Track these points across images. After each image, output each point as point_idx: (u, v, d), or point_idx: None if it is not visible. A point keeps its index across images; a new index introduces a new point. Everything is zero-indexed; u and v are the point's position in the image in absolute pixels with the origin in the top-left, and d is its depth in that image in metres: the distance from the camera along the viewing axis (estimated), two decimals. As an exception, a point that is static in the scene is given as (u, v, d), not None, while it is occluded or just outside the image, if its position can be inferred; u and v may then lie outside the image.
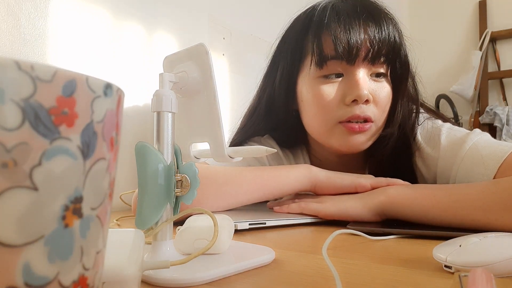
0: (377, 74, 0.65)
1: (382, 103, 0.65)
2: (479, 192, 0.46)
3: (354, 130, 0.63)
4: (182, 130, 0.40)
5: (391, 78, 0.67)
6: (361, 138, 0.65)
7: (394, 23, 0.65)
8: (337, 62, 0.63)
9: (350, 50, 0.61)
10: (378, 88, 0.65)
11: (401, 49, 0.65)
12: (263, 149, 0.35)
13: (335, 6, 0.65)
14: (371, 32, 0.62)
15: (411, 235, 0.47)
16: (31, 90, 0.15)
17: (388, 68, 0.66)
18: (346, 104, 0.63)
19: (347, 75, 0.64)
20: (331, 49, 0.62)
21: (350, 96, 0.62)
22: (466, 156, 0.61)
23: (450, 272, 0.31)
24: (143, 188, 0.31)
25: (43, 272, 0.16)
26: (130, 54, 0.88)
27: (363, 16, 0.62)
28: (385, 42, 0.63)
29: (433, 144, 0.68)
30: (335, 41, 0.62)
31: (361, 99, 0.62)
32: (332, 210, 0.57)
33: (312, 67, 0.65)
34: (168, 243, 0.32)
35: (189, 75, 0.35)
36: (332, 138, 0.66)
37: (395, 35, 0.64)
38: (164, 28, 0.96)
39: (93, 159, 0.18)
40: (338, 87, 0.64)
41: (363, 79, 0.63)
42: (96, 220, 0.19)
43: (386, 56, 0.64)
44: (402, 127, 0.68)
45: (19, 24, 0.68)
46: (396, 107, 0.67)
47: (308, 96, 0.67)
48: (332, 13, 0.64)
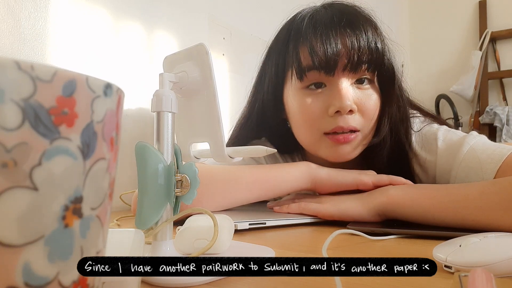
0: (362, 81, 0.63)
1: (369, 111, 0.63)
2: (479, 192, 0.46)
3: (339, 142, 0.62)
4: (182, 130, 0.40)
5: (378, 84, 0.65)
6: (347, 148, 0.64)
7: (375, 29, 0.63)
8: (316, 73, 0.61)
9: (327, 61, 0.60)
10: (364, 97, 0.63)
11: (384, 55, 0.63)
12: (263, 149, 0.36)
13: (313, 16, 0.64)
14: (349, 41, 0.60)
15: (411, 235, 0.47)
16: (31, 90, 0.15)
17: (374, 74, 0.64)
18: (329, 115, 0.62)
19: (329, 86, 0.62)
20: (309, 60, 0.61)
21: (333, 107, 0.61)
22: (463, 160, 0.61)
23: (450, 272, 0.31)
24: (143, 188, 0.31)
25: (43, 272, 0.16)
26: (130, 54, 0.88)
27: (341, 25, 0.61)
28: (365, 50, 0.60)
29: (429, 149, 0.67)
30: (312, 52, 0.60)
31: (344, 110, 0.60)
32: (332, 210, 0.57)
33: (293, 79, 0.64)
34: (168, 243, 0.32)
35: (189, 75, 0.35)
36: (320, 149, 0.65)
37: (375, 41, 0.62)
38: (164, 28, 0.96)
39: (93, 159, 0.18)
40: (321, 98, 0.62)
41: (346, 89, 0.61)
42: (96, 220, 0.19)
43: (368, 63, 0.61)
44: (395, 135, 0.67)
45: (19, 24, 0.68)
46: (384, 114, 0.66)
47: (293, 108, 0.66)
48: (309, 24, 0.63)
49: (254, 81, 0.76)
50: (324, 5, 0.68)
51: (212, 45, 1.11)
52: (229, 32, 1.17)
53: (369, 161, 0.68)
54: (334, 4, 0.67)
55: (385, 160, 0.67)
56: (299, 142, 0.71)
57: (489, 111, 2.29)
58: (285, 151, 0.77)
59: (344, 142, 0.62)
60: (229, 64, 1.17)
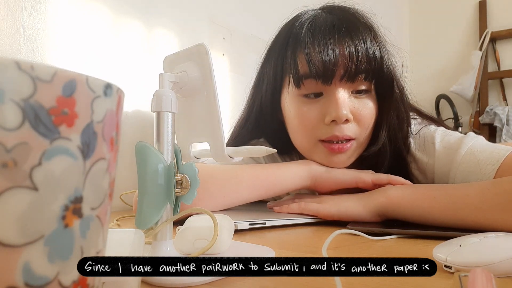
0: (358, 91, 0.63)
1: (365, 120, 0.63)
2: (479, 193, 0.46)
3: (334, 151, 0.62)
4: (182, 130, 0.40)
5: (376, 92, 0.65)
6: (342, 157, 0.64)
7: (374, 36, 0.63)
8: (313, 81, 0.61)
9: (325, 71, 0.59)
10: (360, 106, 0.62)
11: (382, 63, 0.62)
12: (263, 149, 0.36)
13: (312, 22, 0.63)
14: (347, 50, 0.59)
15: (411, 235, 0.47)
16: (31, 90, 0.15)
17: (371, 83, 0.63)
18: (325, 124, 0.62)
19: (326, 94, 0.62)
20: (307, 69, 0.60)
21: (329, 116, 0.60)
22: (462, 161, 0.60)
23: (450, 272, 0.31)
24: (143, 188, 0.31)
25: (43, 272, 0.16)
26: (130, 54, 0.88)
27: (340, 34, 0.60)
28: (364, 59, 0.60)
29: (427, 151, 0.66)
30: (309, 61, 0.60)
31: (340, 120, 0.60)
32: (332, 210, 0.57)
33: (291, 86, 0.64)
34: (168, 243, 0.32)
35: (189, 75, 0.35)
36: (315, 155, 0.65)
37: (374, 49, 0.61)
38: (164, 28, 0.96)
39: (93, 159, 0.18)
40: (317, 107, 0.62)
41: (342, 98, 0.60)
42: (96, 220, 0.19)
43: (365, 73, 0.61)
44: (394, 142, 0.67)
45: (19, 24, 0.68)
46: (381, 122, 0.65)
47: (290, 113, 0.66)
48: (308, 32, 0.62)
49: (252, 83, 0.75)
50: (324, 9, 0.67)
51: (212, 45, 1.11)
52: (229, 32, 1.17)
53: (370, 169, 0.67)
54: (334, 9, 0.66)
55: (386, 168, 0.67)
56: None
57: (489, 111, 2.29)
58: (283, 152, 0.77)
59: (339, 152, 0.62)
60: (229, 64, 1.17)
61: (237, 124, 0.78)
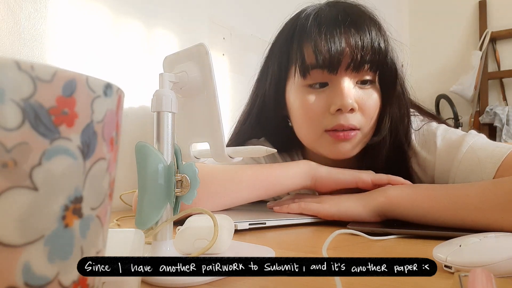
0: (363, 81, 0.64)
1: (369, 111, 0.64)
2: (479, 192, 0.46)
3: (339, 138, 0.63)
4: (182, 130, 0.40)
5: (379, 84, 0.66)
6: (347, 146, 0.64)
7: (379, 29, 0.64)
8: (319, 71, 0.62)
9: (331, 60, 0.60)
10: (365, 96, 0.64)
11: (386, 55, 0.63)
12: (263, 149, 0.36)
13: (318, 14, 0.65)
14: (353, 40, 0.60)
15: (411, 235, 0.47)
16: (31, 90, 0.15)
17: (375, 74, 0.65)
18: (331, 113, 0.62)
19: (331, 84, 0.63)
20: (313, 59, 0.62)
21: (334, 105, 0.62)
22: (463, 159, 0.61)
23: (450, 272, 0.31)
24: (143, 188, 0.31)
25: (43, 272, 0.16)
26: (130, 54, 0.88)
27: (346, 24, 0.61)
28: (368, 50, 0.61)
29: (428, 148, 0.67)
30: (316, 51, 0.61)
31: (345, 109, 0.61)
32: (332, 210, 0.57)
33: (296, 76, 0.65)
34: (168, 243, 0.32)
35: (189, 75, 0.35)
36: (320, 146, 0.66)
37: (379, 41, 0.62)
38: (164, 28, 0.96)
39: (93, 159, 0.18)
40: (323, 96, 0.63)
41: (348, 88, 0.62)
42: (96, 220, 0.19)
43: (370, 63, 0.62)
44: (395, 134, 0.67)
45: (19, 24, 0.68)
46: (385, 114, 0.66)
47: (295, 105, 0.67)
48: (314, 23, 0.63)
49: (256, 77, 0.76)
50: (328, 3, 0.68)
51: (212, 45, 1.11)
52: (229, 32, 1.17)
53: (368, 159, 0.68)
54: (338, 2, 0.67)
55: (384, 159, 0.67)
56: (299, 140, 0.71)
57: (489, 111, 2.29)
58: (284, 150, 0.77)
59: (344, 139, 0.63)
60: (229, 64, 1.17)
61: (238, 120, 0.79)
